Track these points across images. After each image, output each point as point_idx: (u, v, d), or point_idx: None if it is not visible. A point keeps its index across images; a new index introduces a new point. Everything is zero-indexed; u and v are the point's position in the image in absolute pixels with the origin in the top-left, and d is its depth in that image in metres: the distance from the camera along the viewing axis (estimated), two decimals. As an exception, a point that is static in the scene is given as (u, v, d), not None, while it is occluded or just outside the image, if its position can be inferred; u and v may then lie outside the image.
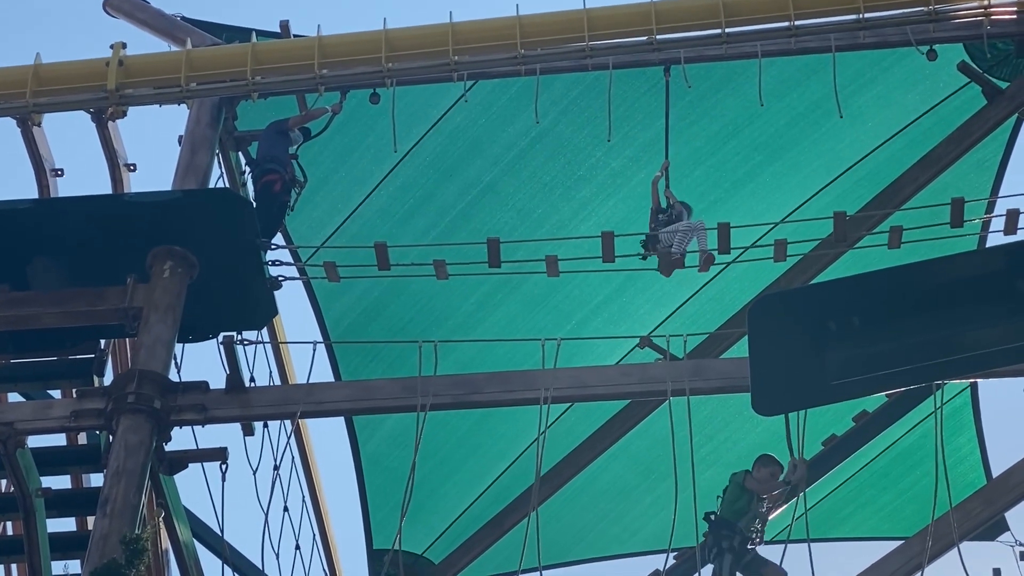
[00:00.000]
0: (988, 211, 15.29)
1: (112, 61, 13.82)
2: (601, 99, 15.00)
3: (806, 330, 11.50)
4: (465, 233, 16.18)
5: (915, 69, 15.49)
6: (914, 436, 16.94)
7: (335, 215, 16.38)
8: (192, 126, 15.06)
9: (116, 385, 12.97)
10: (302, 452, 16.45)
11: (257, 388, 13.65)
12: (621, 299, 16.84)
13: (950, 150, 15.65)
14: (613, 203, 16.45)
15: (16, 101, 13.86)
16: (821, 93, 15.35)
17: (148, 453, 12.55)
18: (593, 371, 13.70)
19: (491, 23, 14.07)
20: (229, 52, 14.45)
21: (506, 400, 13.39)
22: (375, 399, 13.45)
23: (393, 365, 16.31)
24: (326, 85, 14.23)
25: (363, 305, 16.71)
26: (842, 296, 11.58)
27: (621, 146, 16.01)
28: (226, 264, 13.79)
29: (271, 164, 15.02)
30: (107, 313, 13.43)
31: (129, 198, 14.50)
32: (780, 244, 14.16)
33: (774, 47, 14.40)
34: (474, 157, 16.17)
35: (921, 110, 15.98)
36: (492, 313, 16.87)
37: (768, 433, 17.15)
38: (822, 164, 16.17)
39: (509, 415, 16.22)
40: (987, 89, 15.47)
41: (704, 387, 13.24)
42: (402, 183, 16.26)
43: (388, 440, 17.07)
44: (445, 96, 15.60)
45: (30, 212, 13.75)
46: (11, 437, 12.76)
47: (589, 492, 17.59)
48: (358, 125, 15.77)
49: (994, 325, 11.52)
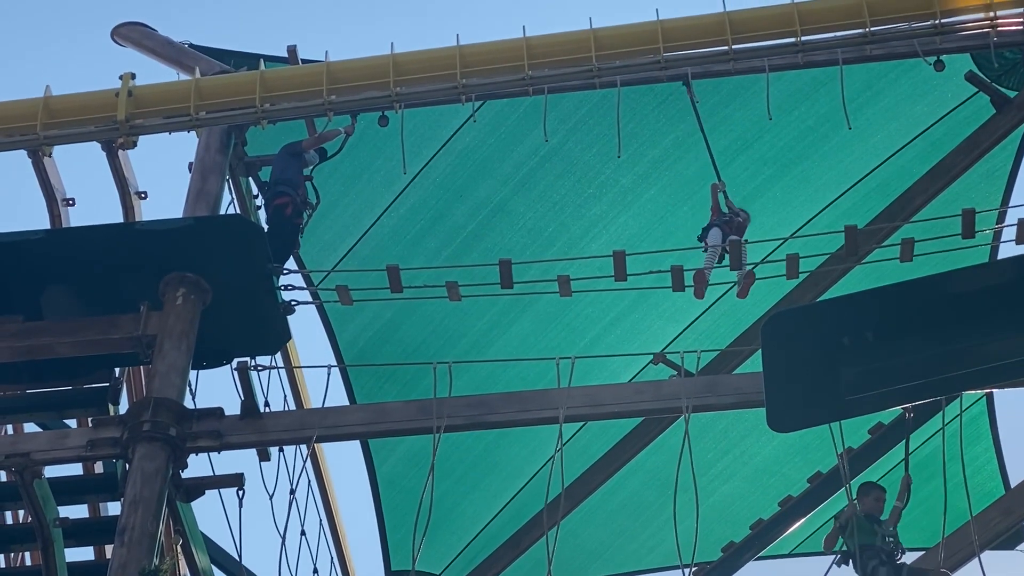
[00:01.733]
0: (999, 221, 15.28)
1: (122, 92, 13.87)
2: (610, 117, 15.00)
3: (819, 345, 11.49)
4: (476, 253, 16.20)
5: (923, 80, 15.49)
6: (930, 447, 16.88)
7: (346, 238, 16.41)
8: (202, 153, 15.10)
9: (131, 413, 13.01)
10: (318, 476, 16.48)
11: (272, 413, 13.67)
12: (634, 316, 16.84)
13: (959, 160, 15.63)
14: (624, 220, 16.46)
15: (27, 134, 13.91)
16: (829, 106, 15.35)
17: (165, 481, 12.58)
18: (608, 389, 13.70)
19: (498, 45, 14.10)
20: (238, 80, 14.49)
21: (521, 420, 13.41)
22: (390, 422, 13.47)
23: (408, 386, 16.33)
24: (335, 110, 14.26)
25: (376, 327, 16.73)
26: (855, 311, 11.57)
27: (631, 163, 16.02)
28: (239, 290, 13.83)
29: (282, 187, 15.05)
30: (121, 341, 13.47)
31: (141, 226, 14.53)
32: (792, 260, 14.16)
33: (781, 62, 14.42)
34: (484, 177, 16.19)
35: (930, 121, 15.97)
36: (505, 332, 16.87)
37: (783, 448, 17.19)
38: (832, 177, 16.16)
39: (524, 434, 16.24)
40: (995, 98, 15.45)
41: (718, 403, 13.24)
42: (412, 205, 16.29)
43: (404, 461, 17.09)
44: (454, 117, 15.63)
45: (42, 242, 13.78)
46: (28, 467, 12.81)
47: (606, 509, 17.59)
48: (367, 148, 15.80)
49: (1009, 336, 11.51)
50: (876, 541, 13.10)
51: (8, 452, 12.94)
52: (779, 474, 17.50)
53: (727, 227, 14.57)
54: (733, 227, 14.60)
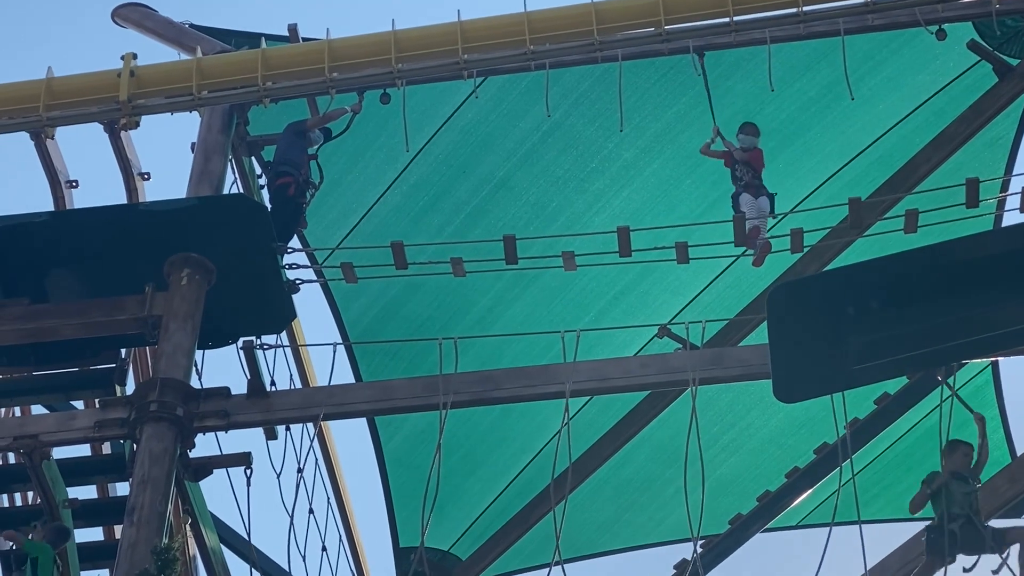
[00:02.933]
0: (1003, 190, 15.27)
1: (124, 72, 13.87)
2: (611, 91, 14.98)
3: (825, 316, 11.54)
4: (480, 229, 16.21)
5: (925, 49, 15.45)
6: (937, 416, 16.90)
7: (350, 216, 16.42)
8: (204, 133, 15.10)
9: (138, 394, 13.05)
10: (325, 454, 16.51)
11: (278, 392, 13.69)
12: (638, 289, 16.85)
13: (963, 129, 15.60)
14: (627, 194, 16.46)
15: (30, 116, 13.91)
16: (831, 77, 15.33)
17: (172, 460, 12.61)
18: (613, 363, 13.72)
19: (499, 20, 14.09)
20: (239, 59, 14.48)
21: (527, 395, 13.44)
22: (396, 399, 13.50)
23: (413, 363, 16.34)
24: (337, 88, 14.26)
25: (381, 304, 16.74)
26: (860, 281, 11.62)
27: (633, 137, 16.01)
28: (243, 269, 13.82)
29: (284, 167, 15.05)
30: (126, 323, 13.49)
31: (144, 207, 14.54)
32: (796, 234, 14.18)
33: (783, 33, 14.39)
34: (486, 153, 16.19)
35: (932, 90, 15.94)
36: (510, 308, 16.88)
37: (790, 419, 17.20)
38: (835, 148, 16.15)
39: (531, 409, 16.23)
40: (998, 67, 15.42)
41: (724, 375, 13.26)
42: (415, 182, 16.29)
43: (411, 438, 17.11)
44: (456, 93, 15.62)
45: (46, 225, 13.80)
46: (36, 449, 12.85)
47: (613, 483, 17.60)
48: (370, 125, 15.78)
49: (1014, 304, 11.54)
50: (962, 509, 12.70)
51: (16, 434, 12.99)
52: (785, 446, 17.51)
53: (751, 190, 14.55)
54: (753, 182, 14.57)
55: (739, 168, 14.70)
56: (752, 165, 14.69)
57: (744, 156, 14.70)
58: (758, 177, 14.68)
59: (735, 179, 14.73)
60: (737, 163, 14.71)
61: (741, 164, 14.69)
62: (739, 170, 14.70)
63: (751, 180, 14.63)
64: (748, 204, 14.50)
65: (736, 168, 14.73)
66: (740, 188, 14.65)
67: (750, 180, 14.63)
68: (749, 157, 14.70)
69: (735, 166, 14.74)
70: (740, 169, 14.70)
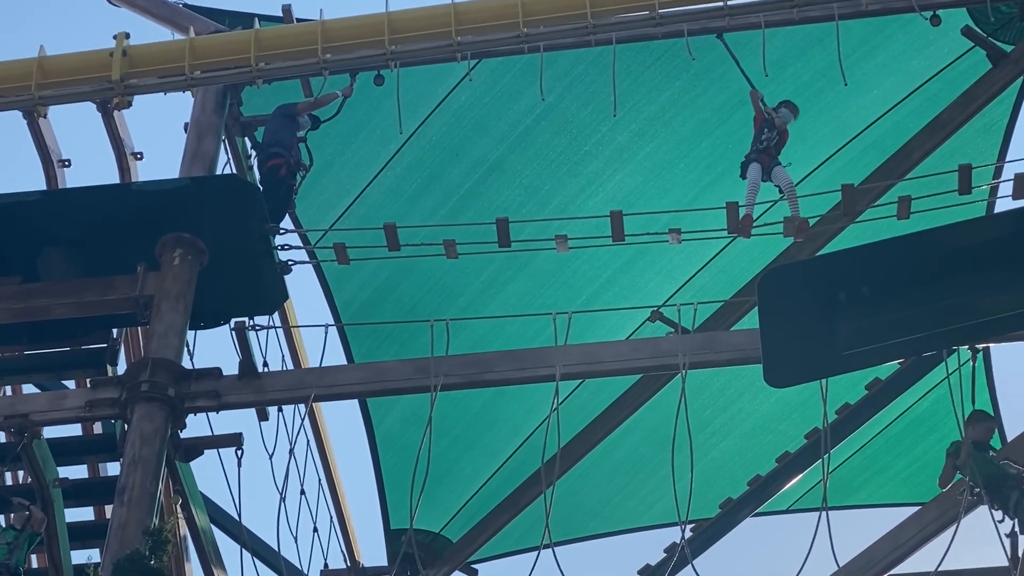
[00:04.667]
0: (996, 176, 15.28)
1: (116, 51, 13.85)
2: (605, 74, 14.99)
3: (816, 301, 11.53)
4: (473, 211, 16.19)
5: (919, 35, 15.44)
6: (927, 402, 16.95)
7: (343, 197, 16.40)
8: (198, 113, 15.08)
9: (130, 374, 13.05)
10: (317, 435, 16.51)
11: (270, 373, 13.71)
12: (630, 273, 16.85)
13: (956, 115, 15.57)
14: (620, 177, 16.45)
15: (22, 94, 13.90)
16: (825, 62, 15.30)
17: (163, 441, 12.63)
18: (605, 347, 13.73)
19: (493, 3, 14.07)
20: (232, 39, 14.47)
21: (518, 378, 13.44)
22: (388, 381, 13.52)
23: (405, 345, 16.34)
24: (330, 69, 14.24)
25: (373, 286, 16.74)
26: (851, 266, 11.60)
27: (627, 120, 16.00)
28: (236, 250, 13.83)
29: (276, 148, 15.03)
30: (118, 302, 13.49)
31: (137, 187, 14.55)
32: (789, 220, 14.19)
33: (777, 17, 14.40)
34: (480, 136, 16.18)
35: (926, 76, 15.93)
36: (502, 290, 16.89)
37: (782, 403, 17.22)
38: (828, 133, 16.14)
39: (522, 392, 16.24)
40: (992, 53, 15.39)
41: (716, 359, 13.29)
42: (409, 163, 16.27)
43: (402, 420, 17.12)
44: (449, 75, 15.60)
45: (39, 204, 13.79)
46: (27, 428, 12.85)
47: (603, 467, 17.62)
48: (363, 107, 15.77)
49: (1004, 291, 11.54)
50: (1000, 472, 12.71)
51: (7, 413, 13.01)
52: (776, 431, 17.54)
53: (766, 157, 14.54)
54: (771, 150, 14.59)
55: (768, 133, 14.66)
56: (782, 137, 14.67)
57: (782, 124, 14.68)
58: (779, 150, 14.67)
59: (756, 142, 14.68)
60: (770, 128, 14.65)
61: (775, 130, 14.63)
62: (767, 135, 14.66)
63: (772, 148, 14.60)
64: (756, 173, 14.49)
65: (764, 132, 14.68)
66: (755, 155, 14.62)
67: (770, 148, 14.60)
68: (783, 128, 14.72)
69: (765, 129, 14.69)
70: (769, 134, 14.66)
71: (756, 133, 14.76)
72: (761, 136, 14.71)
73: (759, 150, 14.66)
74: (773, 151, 14.66)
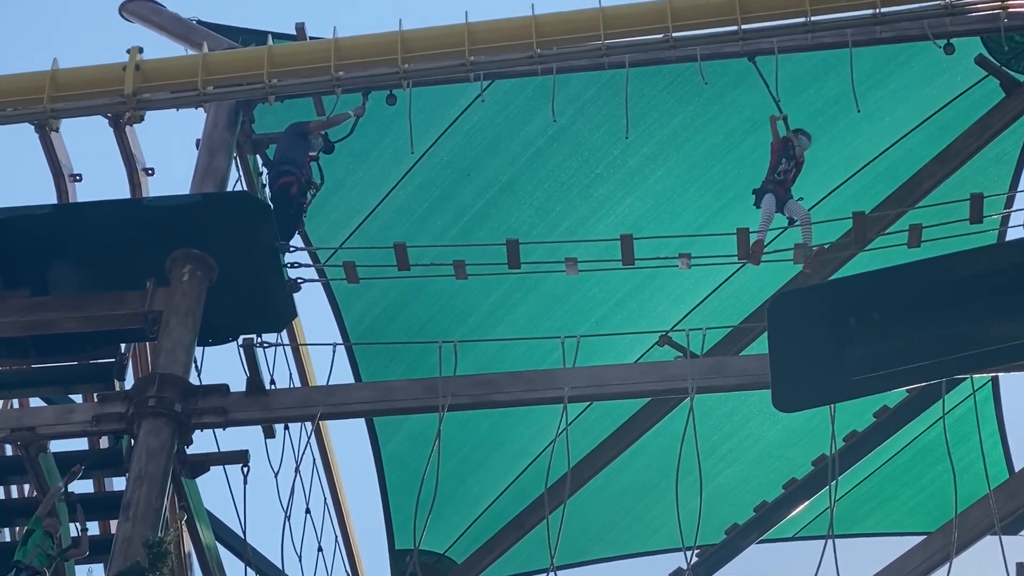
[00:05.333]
0: (1008, 205, 15.25)
1: (129, 66, 13.86)
2: (618, 97, 14.99)
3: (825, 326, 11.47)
4: (483, 232, 16.19)
5: (932, 63, 15.43)
6: (935, 431, 16.88)
7: (353, 216, 16.40)
8: (210, 129, 15.09)
9: (137, 389, 13.05)
10: (323, 453, 16.48)
11: (277, 390, 13.69)
12: (640, 297, 16.83)
13: (969, 144, 15.58)
14: (631, 201, 16.44)
15: (34, 107, 13.91)
16: (838, 89, 15.31)
17: (170, 456, 12.61)
18: (613, 370, 13.72)
19: (507, 23, 14.07)
20: (245, 55, 14.47)
21: (526, 400, 13.45)
22: (395, 400, 13.51)
23: (413, 365, 16.32)
24: (342, 87, 14.24)
25: (382, 305, 16.73)
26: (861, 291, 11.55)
27: (638, 144, 16.01)
28: (245, 267, 13.84)
29: (287, 166, 15.03)
30: (127, 317, 13.49)
31: (148, 202, 14.55)
32: (800, 248, 14.17)
33: (791, 43, 14.38)
34: (491, 156, 16.18)
35: (939, 104, 15.93)
36: (511, 312, 16.87)
37: (789, 430, 17.17)
38: (840, 160, 16.13)
39: (529, 413, 16.22)
40: (1005, 82, 15.40)
41: (724, 384, 13.28)
42: (420, 183, 16.28)
43: (409, 439, 17.09)
44: (462, 95, 15.60)
45: (49, 218, 13.80)
46: (33, 442, 12.87)
47: (610, 490, 17.58)
48: (375, 126, 15.78)
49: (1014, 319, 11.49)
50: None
51: (14, 426, 13.01)
52: (783, 457, 17.49)
53: (781, 189, 14.53)
54: (787, 182, 14.58)
55: (786, 164, 14.65)
56: (798, 168, 14.66)
57: (801, 152, 14.67)
58: (794, 182, 14.66)
59: (772, 172, 14.67)
60: (788, 158, 14.65)
61: (793, 161, 14.63)
62: (785, 165, 14.65)
63: (788, 181, 14.59)
64: (770, 204, 14.47)
65: (783, 162, 14.67)
66: (771, 185, 14.61)
67: (787, 181, 14.59)
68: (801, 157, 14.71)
69: (783, 159, 14.68)
70: (787, 165, 14.65)
71: (773, 162, 14.72)
72: (778, 167, 14.67)
73: (776, 181, 14.63)
74: (789, 183, 14.64)
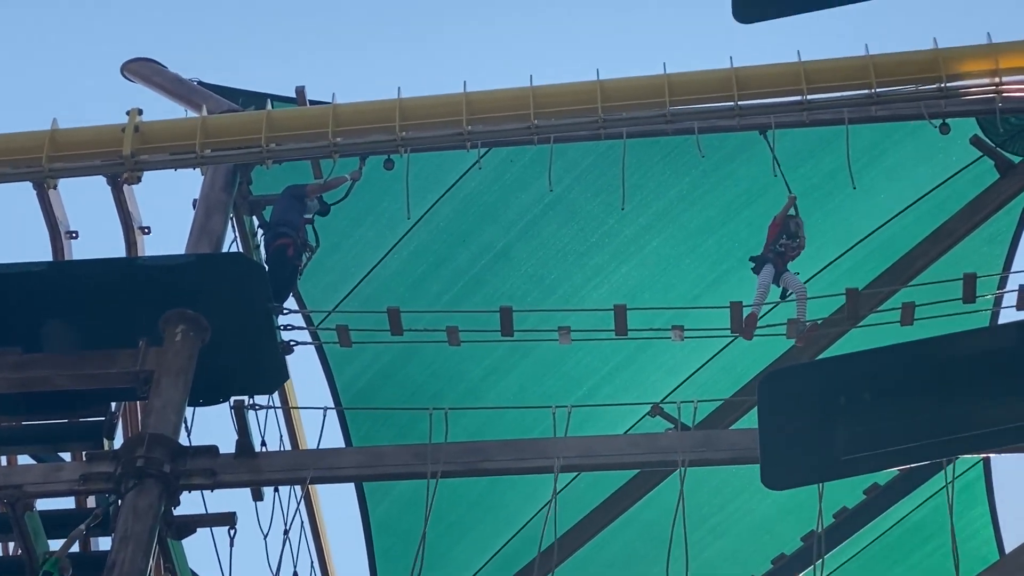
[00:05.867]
0: (1001, 286, 15.28)
1: (128, 128, 13.91)
2: (615, 167, 15.04)
3: (816, 404, 11.50)
4: (478, 298, 16.21)
5: (928, 142, 15.50)
6: (926, 510, 16.87)
7: (348, 279, 16.42)
8: (207, 190, 15.14)
9: (126, 449, 13.00)
10: (311, 517, 16.42)
11: (267, 453, 13.66)
12: (633, 366, 16.83)
13: (962, 224, 15.65)
14: (626, 270, 16.47)
15: (33, 166, 13.93)
16: (834, 164, 15.38)
17: (156, 517, 12.55)
18: (603, 440, 13.71)
19: (504, 93, 14.11)
20: (244, 119, 14.53)
21: (516, 468, 13.44)
22: (385, 465, 13.48)
23: (404, 430, 16.28)
24: (340, 153, 14.28)
25: (374, 369, 16.72)
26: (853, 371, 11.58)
27: (634, 214, 16.05)
28: (238, 328, 13.83)
29: (284, 228, 15.08)
30: (118, 376, 13.47)
31: (143, 261, 14.53)
32: (793, 323, 14.21)
33: (787, 119, 14.45)
34: (487, 223, 16.22)
35: (933, 183, 15.99)
36: (504, 378, 16.87)
37: (779, 504, 17.12)
38: (834, 236, 16.18)
39: (519, 481, 16.20)
40: (1000, 163, 15.49)
41: (714, 458, 13.26)
42: (415, 248, 16.31)
43: (398, 504, 17.04)
44: (459, 162, 15.66)
45: (44, 275, 13.80)
46: (20, 500, 12.77)
47: (598, 561, 17.51)
48: (372, 190, 15.82)
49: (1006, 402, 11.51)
50: None
51: (1, 484, 12.92)
52: (773, 532, 17.44)
53: (780, 261, 14.59)
54: (786, 256, 14.68)
55: (788, 240, 14.70)
56: (800, 245, 14.74)
57: (803, 237, 14.82)
58: (793, 258, 14.74)
59: (774, 244, 14.73)
60: (790, 236, 14.71)
61: (795, 239, 14.69)
62: (786, 242, 14.71)
63: (788, 255, 14.65)
64: (768, 275, 14.53)
65: (784, 237, 14.73)
66: (771, 255, 14.69)
67: (787, 254, 14.65)
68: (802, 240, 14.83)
69: (784, 236, 14.74)
70: (788, 243, 14.71)
71: (773, 236, 14.78)
72: (779, 240, 14.74)
73: (777, 252, 14.70)
74: (788, 258, 14.71)
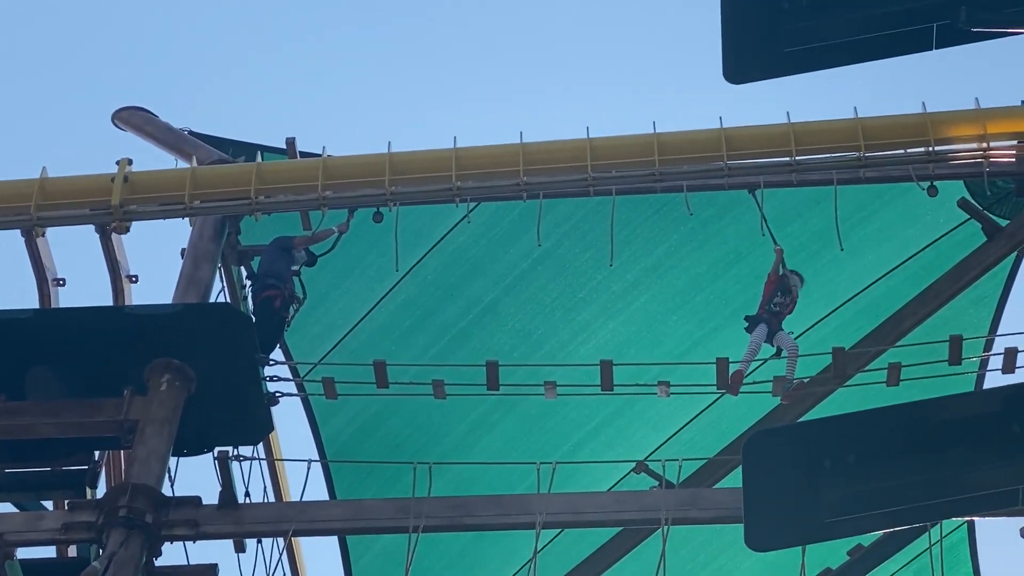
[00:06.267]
0: (986, 349, 15.31)
1: (117, 178, 13.93)
2: (604, 223, 15.06)
3: (801, 466, 11.53)
4: (464, 352, 16.20)
5: (916, 204, 15.57)
6: (910, 572, 16.83)
7: (335, 331, 16.41)
8: (195, 240, 15.14)
9: (108, 498, 12.97)
10: (294, 569, 16.34)
11: (250, 505, 13.61)
12: (618, 422, 16.82)
13: (949, 286, 15.69)
14: (613, 326, 16.48)
15: (21, 214, 13.93)
16: (822, 224, 15.41)
17: (137, 568, 12.52)
18: (587, 497, 13.68)
19: (494, 150, 14.16)
20: (234, 171, 14.55)
21: (499, 524, 13.40)
22: (368, 519, 13.48)
23: (388, 483, 16.25)
24: (329, 205, 14.30)
25: (360, 422, 16.68)
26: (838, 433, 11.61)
27: (622, 270, 16.08)
28: (224, 378, 13.81)
29: (271, 279, 15.08)
30: (103, 425, 13.45)
31: (129, 310, 14.55)
32: (779, 381, 14.23)
33: (776, 179, 14.50)
34: (475, 277, 16.24)
35: (921, 244, 16.05)
36: (489, 432, 16.84)
37: (763, 563, 17.02)
38: (821, 295, 16.21)
39: (502, 536, 16.15)
40: (987, 226, 15.54)
41: (698, 517, 13.27)
42: (402, 301, 16.31)
43: (380, 558, 16.97)
44: (448, 216, 15.68)
45: (30, 322, 13.78)
46: (0, 548, 12.71)
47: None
48: (360, 242, 15.84)
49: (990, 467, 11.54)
50: None
51: (-19, 532, 12.87)
52: (757, 591, 17.39)
53: (775, 320, 14.63)
54: (781, 315, 14.72)
55: (782, 298, 14.75)
56: (793, 302, 14.79)
57: (796, 290, 14.88)
58: (786, 316, 14.77)
59: (768, 303, 14.78)
60: (784, 293, 14.77)
61: (789, 296, 14.75)
62: (780, 300, 14.76)
63: (782, 314, 14.71)
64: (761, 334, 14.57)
65: (778, 295, 14.78)
66: (766, 315, 14.72)
67: (782, 313, 14.71)
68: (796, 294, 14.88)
69: (779, 292, 14.79)
70: (782, 300, 14.76)
71: (768, 294, 14.83)
72: (774, 299, 14.80)
73: (772, 312, 14.74)
74: (783, 316, 14.76)
